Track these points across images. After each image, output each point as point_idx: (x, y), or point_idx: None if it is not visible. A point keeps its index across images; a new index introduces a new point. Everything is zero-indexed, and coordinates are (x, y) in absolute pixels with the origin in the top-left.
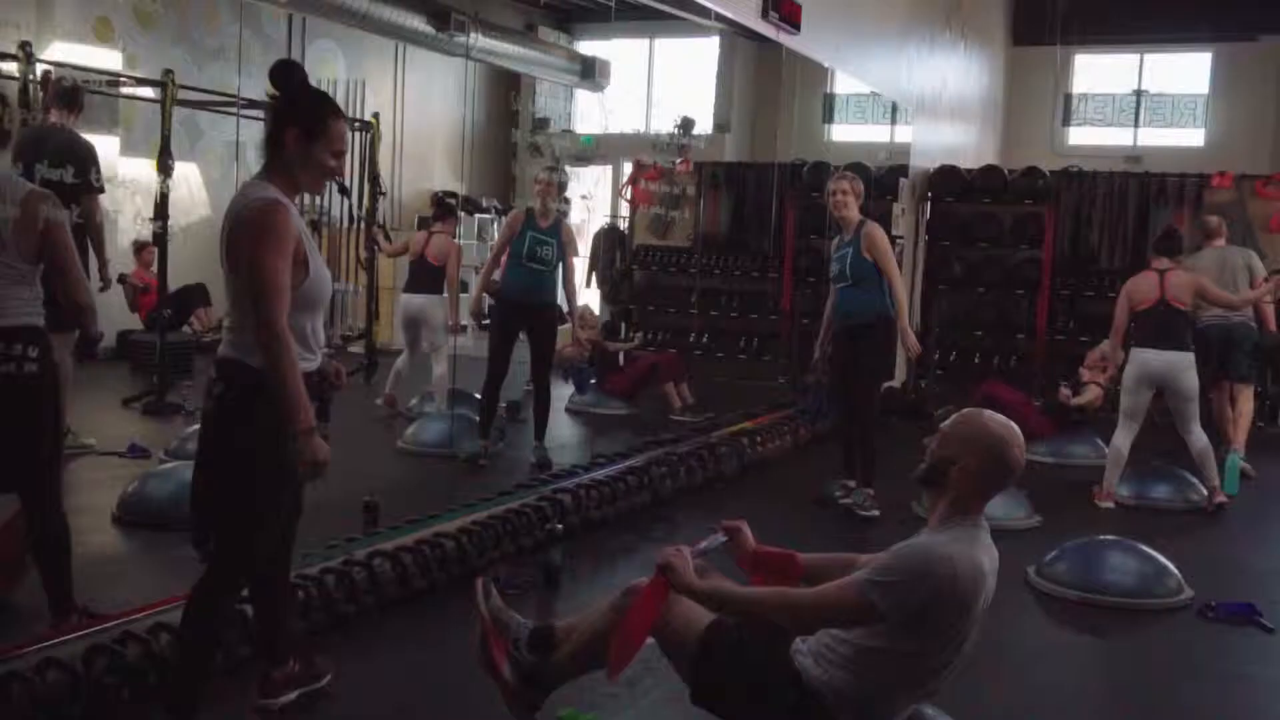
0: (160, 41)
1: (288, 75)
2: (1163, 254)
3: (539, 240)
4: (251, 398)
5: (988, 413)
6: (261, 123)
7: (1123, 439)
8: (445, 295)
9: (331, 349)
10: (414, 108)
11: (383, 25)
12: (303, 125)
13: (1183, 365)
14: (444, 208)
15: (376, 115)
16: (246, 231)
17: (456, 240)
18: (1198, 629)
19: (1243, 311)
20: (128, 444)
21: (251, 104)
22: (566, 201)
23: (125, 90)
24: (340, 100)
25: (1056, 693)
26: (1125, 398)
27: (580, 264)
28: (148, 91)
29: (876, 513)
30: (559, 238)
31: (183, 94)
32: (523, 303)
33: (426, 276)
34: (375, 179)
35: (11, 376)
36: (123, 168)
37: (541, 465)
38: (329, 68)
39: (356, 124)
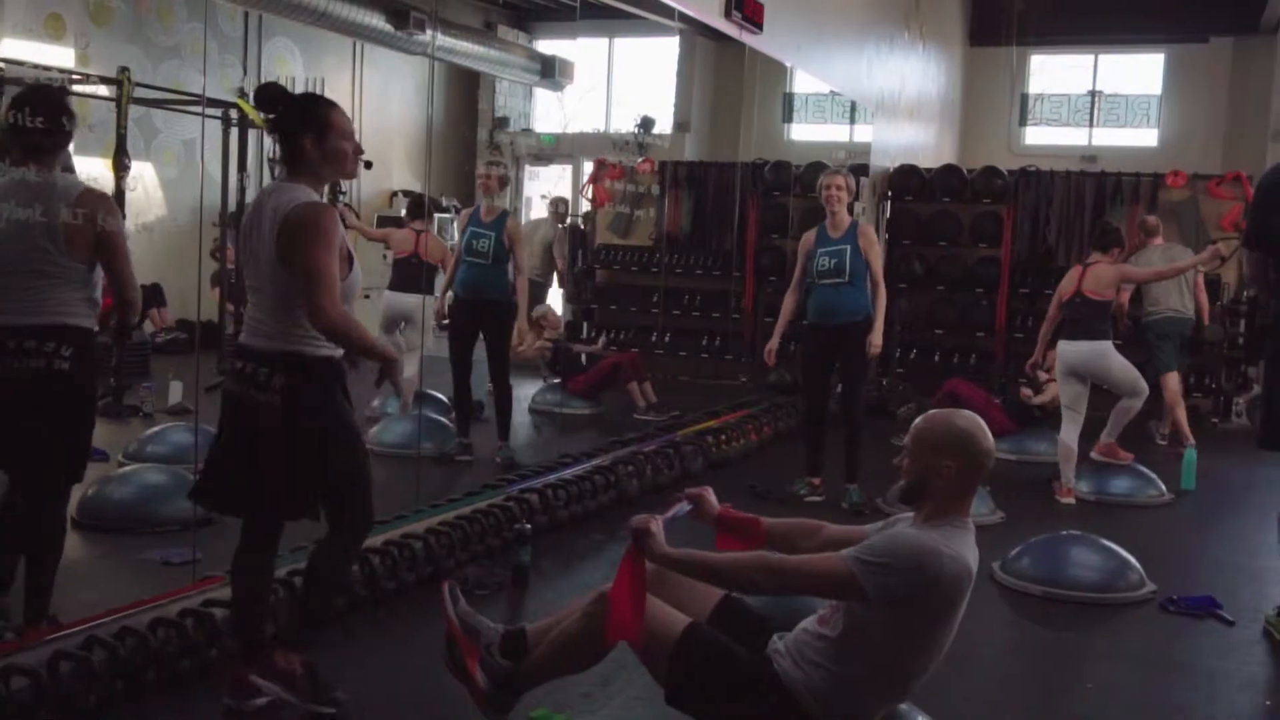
0: (114, 38)
1: (271, 95)
2: (1094, 248)
3: (476, 234)
4: (307, 381)
5: (950, 411)
6: (219, 121)
7: (1068, 433)
8: (436, 296)
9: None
10: (373, 106)
11: (341, 23)
12: (311, 129)
13: (1095, 354)
14: (422, 206)
15: None
16: (300, 231)
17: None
18: (1160, 622)
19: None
20: None
21: (213, 102)
22: (561, 203)
23: (78, 88)
24: None
25: (1022, 687)
26: (1061, 390)
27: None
28: (102, 90)
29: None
30: (500, 232)
31: (138, 92)
32: (468, 299)
33: (418, 275)
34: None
35: (40, 372)
36: (77, 167)
37: (507, 465)
38: (286, 66)
39: None
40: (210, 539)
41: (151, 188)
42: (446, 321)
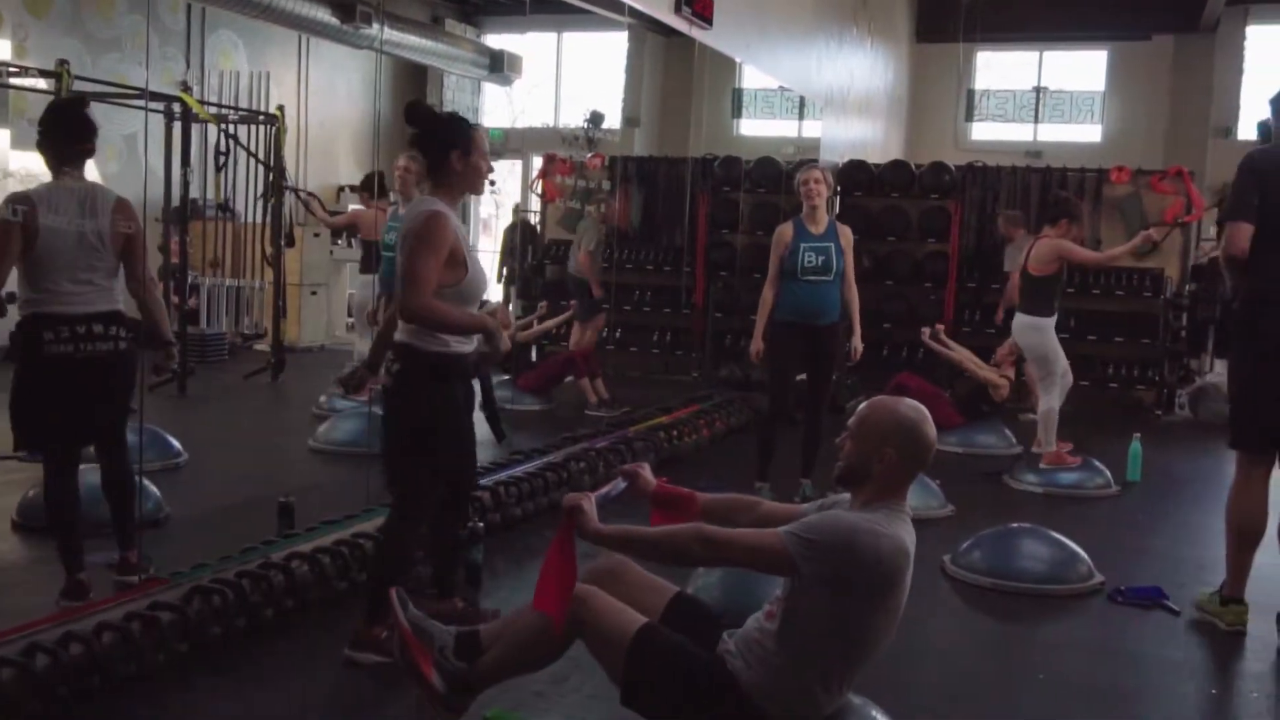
0: (53, 31)
1: (420, 112)
2: (1043, 223)
3: (391, 228)
4: (424, 373)
5: (896, 399)
6: (162, 115)
7: (1045, 400)
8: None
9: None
10: (319, 100)
11: (286, 16)
12: (460, 146)
13: (1026, 327)
14: (381, 187)
15: (281, 108)
16: (410, 236)
17: None
18: (1108, 613)
19: None
20: None
21: (155, 96)
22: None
23: (16, 81)
24: (243, 93)
25: (974, 678)
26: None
27: (490, 258)
28: (41, 83)
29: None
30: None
31: (78, 85)
32: (390, 296)
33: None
34: (280, 173)
35: (113, 351)
36: (15, 161)
37: None
38: (230, 59)
39: (260, 117)
40: (157, 542)
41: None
42: None
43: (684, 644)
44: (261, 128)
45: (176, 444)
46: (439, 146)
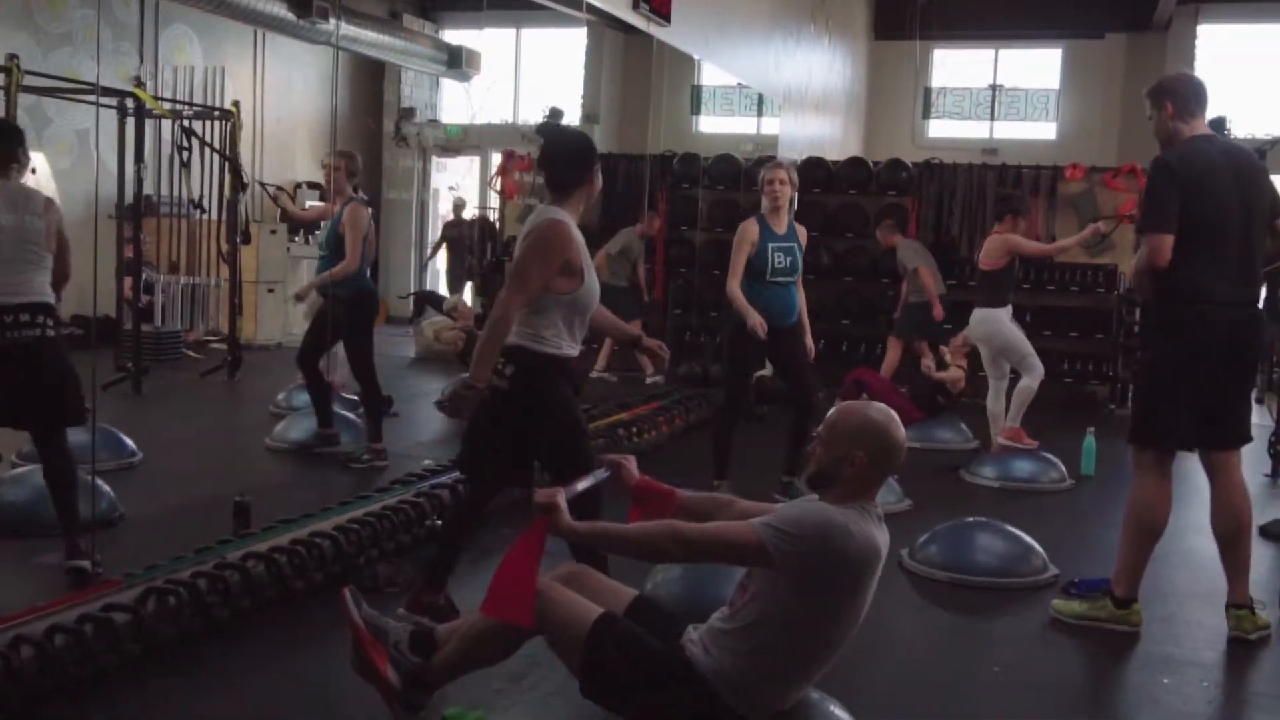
0: (2, 26)
1: (549, 129)
2: (994, 219)
3: (329, 226)
4: (535, 373)
5: (863, 403)
6: (115, 110)
7: (990, 399)
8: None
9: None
10: (275, 96)
11: (241, 11)
12: (592, 168)
13: (980, 320)
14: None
15: (236, 103)
16: (525, 240)
17: None
18: None
19: None
20: None
21: (107, 91)
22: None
23: None
24: (198, 87)
25: (931, 672)
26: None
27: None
28: None
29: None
30: (339, 221)
31: (28, 80)
32: (325, 294)
33: None
34: (236, 169)
35: (39, 340)
36: None
37: (363, 457)
38: (184, 54)
39: (216, 112)
40: (109, 542)
41: (44, 178)
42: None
43: (640, 634)
44: (217, 123)
45: (131, 443)
46: (578, 164)
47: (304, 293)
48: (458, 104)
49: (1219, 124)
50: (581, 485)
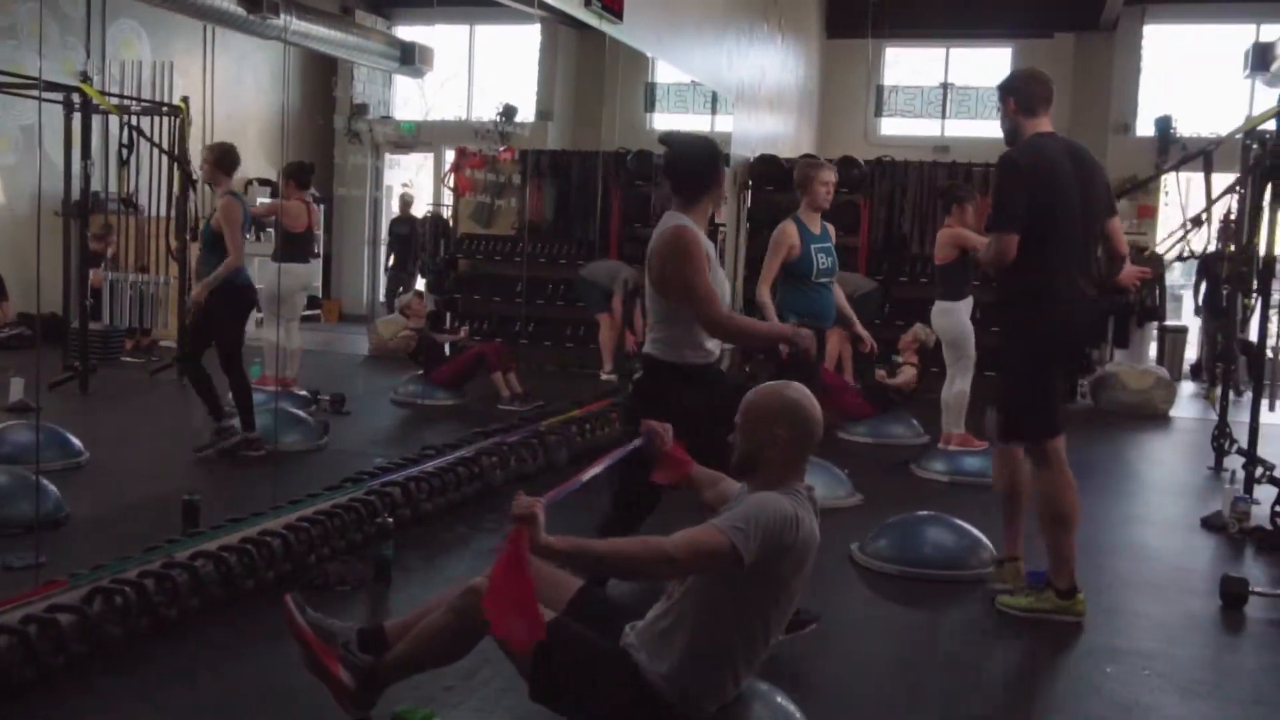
0: None
1: (675, 137)
2: (944, 213)
3: (205, 224)
4: (664, 382)
5: (779, 384)
6: (60, 106)
7: (947, 387)
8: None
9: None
10: (225, 92)
11: (190, 6)
12: (719, 173)
13: (935, 311)
14: (310, 174)
15: (185, 99)
16: (667, 255)
17: None
18: None
19: None
20: None
21: (52, 86)
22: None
23: None
24: (145, 83)
25: (880, 662)
26: None
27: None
28: None
29: None
30: (213, 217)
31: None
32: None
33: (310, 244)
34: (185, 166)
35: None
36: None
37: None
38: (132, 49)
39: (164, 108)
40: (55, 542)
41: None
42: None
43: (590, 638)
44: (166, 119)
45: (77, 443)
46: (701, 170)
47: (199, 295)
48: (411, 100)
49: (1164, 124)
50: (609, 459)
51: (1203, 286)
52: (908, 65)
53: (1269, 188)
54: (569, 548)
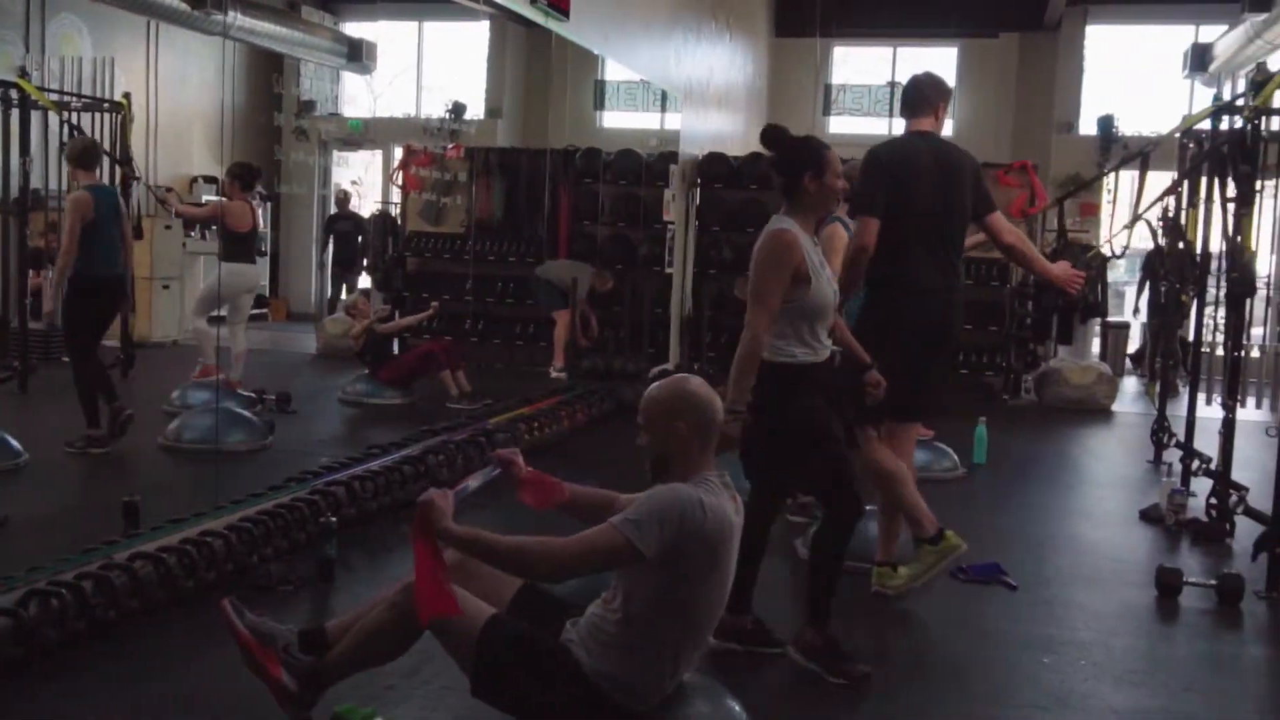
0: None
1: (778, 136)
2: None
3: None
4: (774, 384)
5: (674, 378)
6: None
7: None
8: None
9: None
10: (169, 88)
11: (132, 1)
12: (814, 168)
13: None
14: (256, 175)
15: (128, 95)
16: (756, 256)
17: None
18: (952, 589)
19: None
20: None
21: None
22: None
23: None
24: (87, 79)
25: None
26: None
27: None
28: None
29: None
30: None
31: None
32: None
33: (254, 245)
34: (128, 162)
35: None
36: None
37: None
38: (73, 45)
39: (106, 104)
40: None
41: None
42: None
43: (531, 634)
44: (107, 116)
45: (16, 444)
46: (794, 170)
47: (50, 291)
48: (359, 97)
49: (1106, 123)
50: (473, 483)
51: (1146, 285)
52: (855, 64)
53: (1215, 180)
54: (467, 536)
